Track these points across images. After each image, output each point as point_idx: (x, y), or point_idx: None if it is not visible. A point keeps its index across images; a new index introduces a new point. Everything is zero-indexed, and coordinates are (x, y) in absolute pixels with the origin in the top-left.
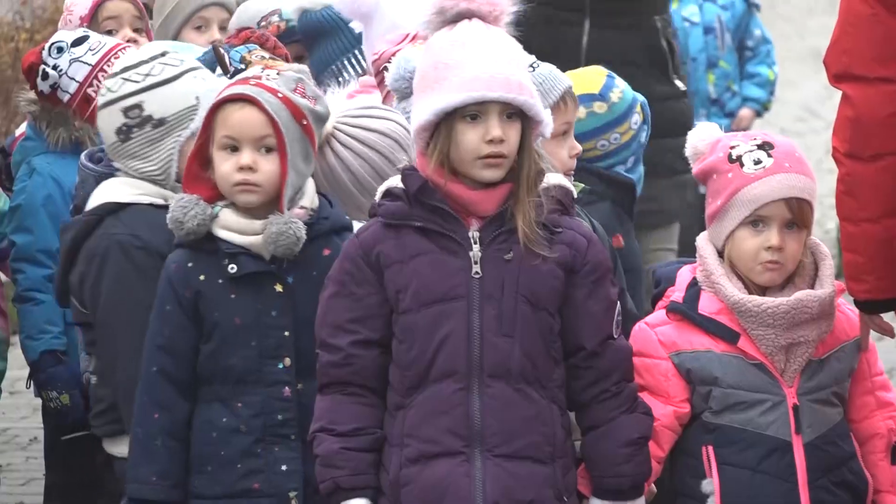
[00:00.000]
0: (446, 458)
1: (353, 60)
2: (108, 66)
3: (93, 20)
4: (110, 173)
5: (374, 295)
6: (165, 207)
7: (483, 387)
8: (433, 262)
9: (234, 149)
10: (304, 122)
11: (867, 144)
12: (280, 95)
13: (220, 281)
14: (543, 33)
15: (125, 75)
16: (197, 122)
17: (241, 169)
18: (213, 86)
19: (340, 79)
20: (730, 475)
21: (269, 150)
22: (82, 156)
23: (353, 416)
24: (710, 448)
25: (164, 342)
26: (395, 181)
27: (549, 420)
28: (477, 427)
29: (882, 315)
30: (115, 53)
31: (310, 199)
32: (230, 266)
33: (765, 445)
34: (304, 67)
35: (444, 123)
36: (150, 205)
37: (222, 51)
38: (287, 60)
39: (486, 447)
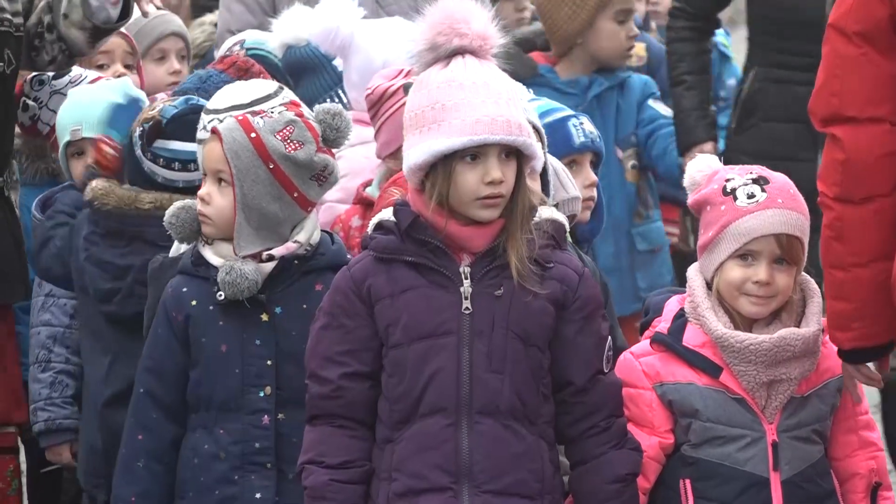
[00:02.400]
0: (434, 493)
1: (337, 98)
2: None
3: None
4: (56, 224)
5: (364, 328)
6: None
7: (472, 423)
8: (424, 297)
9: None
10: (271, 166)
11: (859, 187)
12: (252, 136)
13: (211, 307)
14: None
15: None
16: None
17: (202, 200)
18: None
19: None
20: None
21: (223, 182)
22: (34, 203)
23: (342, 449)
24: (688, 481)
25: (152, 365)
26: (388, 214)
27: (538, 456)
28: (465, 463)
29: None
30: None
31: (307, 234)
32: (219, 293)
33: (742, 481)
34: (333, 107)
35: (442, 164)
36: None
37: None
38: None
39: (474, 483)
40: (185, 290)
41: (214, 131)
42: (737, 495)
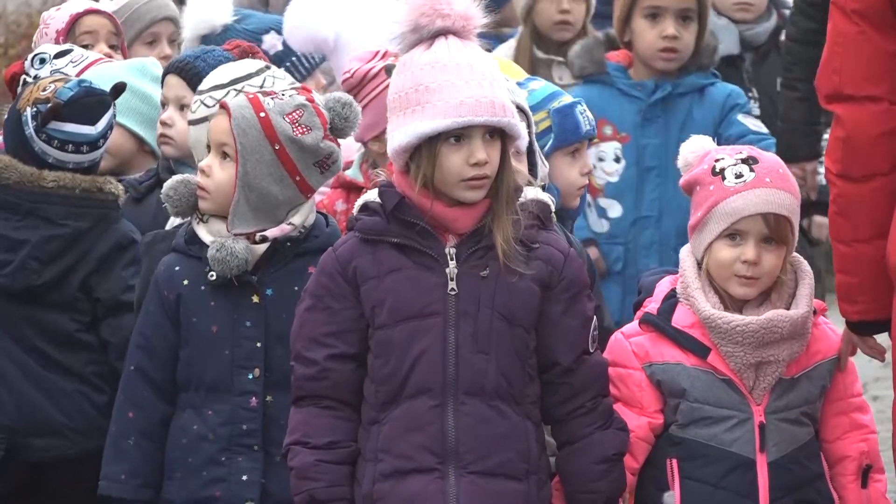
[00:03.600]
0: (420, 474)
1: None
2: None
3: (69, 34)
4: None
5: (350, 309)
6: None
7: (458, 404)
8: (409, 278)
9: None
10: (277, 147)
11: (858, 165)
12: (262, 115)
13: (202, 287)
14: None
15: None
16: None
17: (202, 172)
18: None
19: None
20: (691, 489)
21: (227, 156)
22: None
23: (327, 430)
24: (675, 461)
25: (143, 342)
26: (373, 195)
27: (524, 437)
28: (451, 444)
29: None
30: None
31: (303, 216)
32: (210, 273)
33: (728, 462)
34: (343, 96)
35: (426, 146)
36: None
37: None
38: None
39: (461, 464)
40: (177, 268)
41: (223, 105)
42: (722, 476)
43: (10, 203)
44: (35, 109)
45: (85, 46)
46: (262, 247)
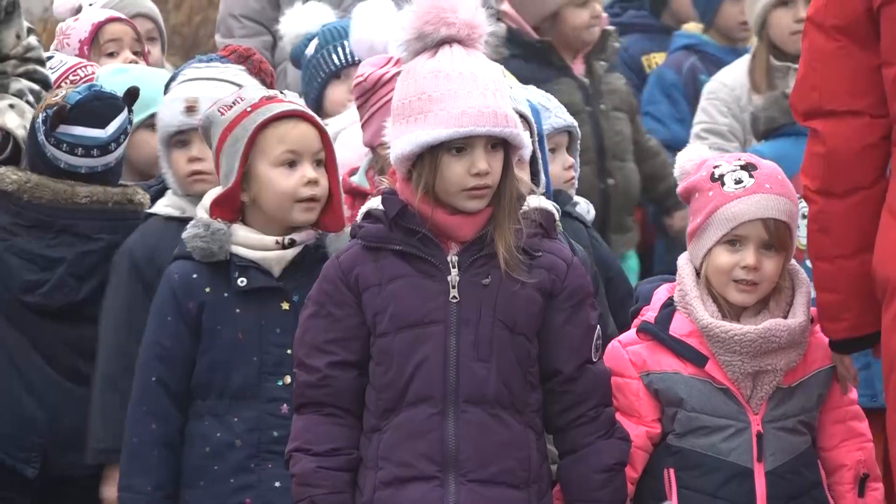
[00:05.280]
0: (420, 482)
1: None
2: (66, 83)
3: (93, 43)
4: None
5: (352, 317)
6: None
7: (458, 412)
8: (411, 286)
9: (291, 164)
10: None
11: (840, 180)
12: (309, 114)
13: (226, 294)
14: None
15: None
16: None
17: (309, 183)
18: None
19: None
20: (689, 499)
21: (319, 163)
22: None
23: (329, 437)
24: (672, 471)
25: (162, 352)
26: (376, 203)
27: (525, 445)
28: (451, 452)
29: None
30: (74, 71)
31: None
32: (240, 279)
33: (725, 471)
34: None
35: (429, 155)
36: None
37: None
38: (272, 75)
39: (461, 472)
40: (195, 276)
41: (299, 114)
42: (720, 485)
43: (42, 221)
44: (45, 114)
45: (110, 54)
46: (293, 251)
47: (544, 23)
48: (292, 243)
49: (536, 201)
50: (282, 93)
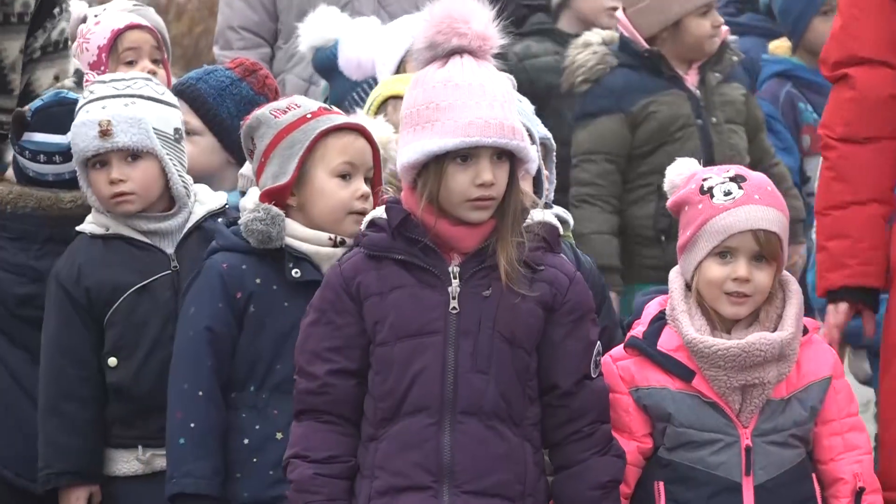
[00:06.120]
0: (415, 492)
1: (359, 96)
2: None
3: (112, 50)
4: None
5: (353, 325)
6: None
7: (455, 423)
8: (412, 296)
9: (345, 176)
10: None
11: (864, 125)
12: (367, 130)
13: (275, 287)
14: None
15: None
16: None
17: (362, 196)
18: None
19: (350, 111)
20: None
21: (367, 180)
22: None
23: (327, 444)
24: (662, 484)
25: (214, 339)
26: (380, 212)
27: (521, 458)
28: (447, 463)
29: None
30: None
31: None
32: (294, 270)
33: (714, 485)
34: None
35: (434, 164)
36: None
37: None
38: (276, 91)
39: (455, 483)
40: (244, 267)
41: (358, 128)
42: (707, 499)
43: (28, 232)
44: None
45: (129, 63)
46: (343, 251)
47: (664, 32)
48: (343, 242)
49: (540, 215)
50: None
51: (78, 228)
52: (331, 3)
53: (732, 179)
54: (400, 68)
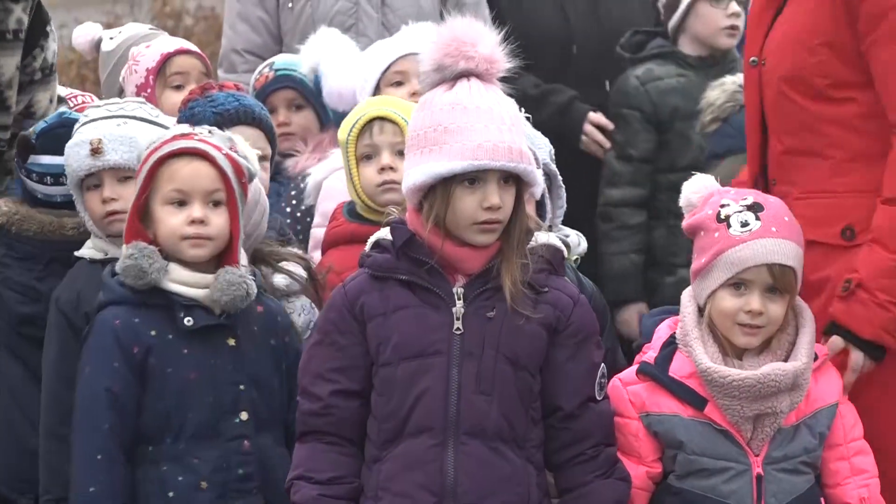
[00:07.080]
0: None
1: None
2: None
3: (160, 73)
4: None
5: (356, 346)
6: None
7: (458, 444)
8: (415, 316)
9: (181, 203)
10: (243, 181)
11: None
12: (224, 152)
13: (171, 336)
14: None
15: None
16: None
17: (193, 222)
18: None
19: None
20: None
21: (216, 204)
22: None
23: (331, 465)
24: None
25: (113, 401)
26: (385, 233)
27: (524, 480)
28: (450, 484)
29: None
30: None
31: (244, 258)
32: (186, 319)
33: None
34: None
35: (441, 186)
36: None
37: None
38: None
39: None
40: (136, 320)
41: (195, 152)
42: None
43: (31, 253)
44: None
45: (176, 87)
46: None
47: None
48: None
49: (545, 237)
50: (209, 131)
51: (77, 254)
52: (334, 26)
53: (750, 208)
54: (376, 91)
